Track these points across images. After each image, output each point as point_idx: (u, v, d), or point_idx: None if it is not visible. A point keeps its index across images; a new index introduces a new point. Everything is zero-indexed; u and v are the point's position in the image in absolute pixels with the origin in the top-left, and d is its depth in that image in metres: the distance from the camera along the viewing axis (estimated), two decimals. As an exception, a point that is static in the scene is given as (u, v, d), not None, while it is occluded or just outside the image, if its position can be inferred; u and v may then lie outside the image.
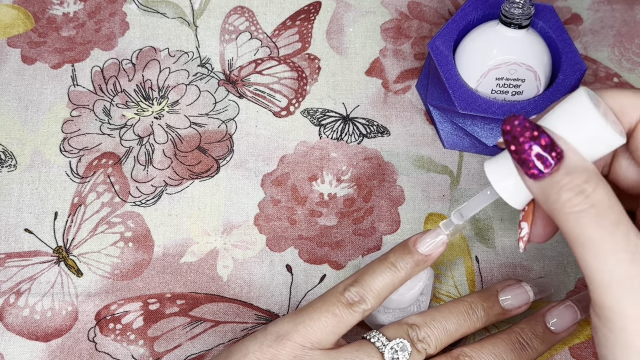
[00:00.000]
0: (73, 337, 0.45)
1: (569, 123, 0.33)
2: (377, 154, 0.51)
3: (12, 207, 0.48)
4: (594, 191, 0.31)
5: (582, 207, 0.31)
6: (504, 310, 0.42)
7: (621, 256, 0.30)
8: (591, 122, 0.32)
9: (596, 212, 0.30)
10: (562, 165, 0.32)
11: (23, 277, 0.46)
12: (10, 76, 0.53)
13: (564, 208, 0.31)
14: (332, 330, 0.38)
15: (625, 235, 0.30)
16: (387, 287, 0.39)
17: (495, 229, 0.48)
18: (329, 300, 0.39)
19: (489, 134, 0.49)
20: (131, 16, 0.55)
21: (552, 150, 0.32)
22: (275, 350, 0.38)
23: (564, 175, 0.31)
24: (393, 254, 0.40)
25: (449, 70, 0.47)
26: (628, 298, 0.30)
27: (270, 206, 0.49)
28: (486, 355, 0.40)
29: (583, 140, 0.32)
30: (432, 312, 0.41)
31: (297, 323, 0.38)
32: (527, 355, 0.41)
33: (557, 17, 0.49)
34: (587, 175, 0.31)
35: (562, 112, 0.33)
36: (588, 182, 0.31)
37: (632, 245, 0.30)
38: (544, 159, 0.32)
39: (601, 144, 0.33)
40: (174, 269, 0.47)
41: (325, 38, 0.55)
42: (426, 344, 0.39)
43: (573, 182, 0.31)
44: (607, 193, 0.31)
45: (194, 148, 0.51)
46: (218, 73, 0.53)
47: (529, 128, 0.32)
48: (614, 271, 0.30)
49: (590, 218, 0.30)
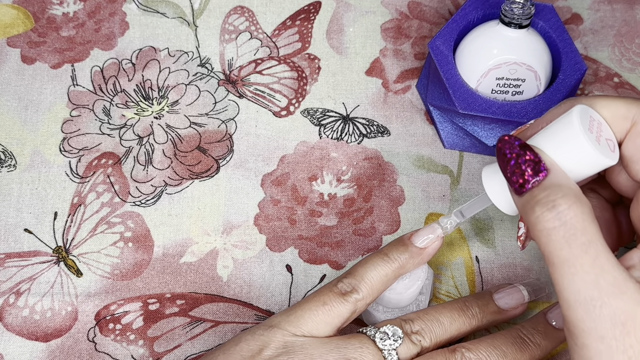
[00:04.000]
0: (73, 337, 0.45)
1: (557, 144, 0.34)
2: (377, 154, 0.51)
3: (12, 207, 0.48)
4: (569, 208, 0.31)
5: (554, 224, 0.31)
6: (499, 309, 0.42)
7: (586, 278, 0.31)
8: (580, 147, 0.33)
9: (567, 230, 0.31)
10: (543, 182, 0.33)
11: (23, 277, 0.46)
12: (10, 76, 0.53)
13: (537, 223, 0.32)
14: (323, 319, 0.39)
15: (594, 257, 0.31)
16: (380, 278, 0.40)
17: (495, 229, 0.48)
18: (321, 292, 0.40)
19: (489, 134, 0.49)
20: (131, 16, 0.55)
21: (536, 167, 0.33)
22: (267, 337, 0.38)
23: (541, 190, 0.32)
24: (387, 247, 0.41)
25: (449, 70, 0.47)
26: (589, 319, 0.31)
27: (270, 206, 0.49)
28: (484, 348, 0.39)
29: (572, 162, 0.34)
30: (426, 309, 0.41)
31: (289, 314, 0.39)
32: (530, 350, 0.40)
33: (557, 17, 0.49)
34: (564, 192, 0.32)
35: (553, 133, 0.34)
36: (564, 198, 0.32)
37: (598, 268, 0.31)
38: (528, 174, 0.33)
39: (589, 166, 0.34)
40: (173, 269, 0.47)
41: (325, 38, 0.55)
42: (420, 336, 0.39)
43: (548, 197, 0.32)
44: (583, 213, 0.31)
45: (193, 148, 0.50)
46: (218, 73, 0.53)
47: (516, 146, 0.34)
48: (578, 292, 0.31)
49: (561, 236, 0.31)
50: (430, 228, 0.41)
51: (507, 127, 0.48)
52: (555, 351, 0.44)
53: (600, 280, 0.31)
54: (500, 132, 0.48)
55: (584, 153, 0.33)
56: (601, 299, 0.31)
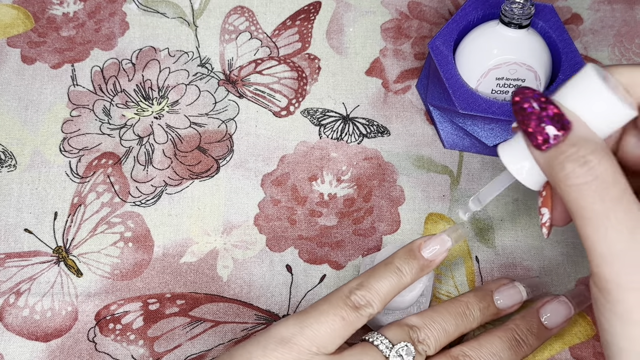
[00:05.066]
0: (73, 337, 0.45)
1: (577, 98, 0.32)
2: (377, 154, 0.51)
3: (12, 207, 0.48)
4: (599, 163, 0.31)
5: (585, 179, 0.31)
6: (498, 311, 0.43)
7: (621, 230, 0.30)
8: (599, 95, 0.32)
9: (599, 184, 0.30)
10: (568, 136, 0.31)
11: (23, 277, 0.46)
12: (10, 76, 0.53)
13: (567, 179, 0.31)
14: (340, 334, 0.38)
15: (627, 209, 0.30)
16: (392, 292, 0.39)
17: (495, 229, 0.48)
18: (335, 304, 0.38)
19: (489, 134, 0.49)
20: (131, 16, 0.55)
21: (559, 121, 0.32)
22: (280, 354, 0.37)
23: (569, 146, 0.31)
24: (398, 258, 0.40)
25: (449, 70, 0.47)
26: (626, 271, 0.30)
27: (270, 206, 0.49)
28: (485, 354, 0.40)
29: (592, 115, 0.32)
30: (430, 313, 0.41)
31: (303, 326, 0.38)
32: (522, 351, 0.42)
33: (557, 17, 0.49)
34: (593, 147, 0.31)
35: (571, 88, 0.33)
36: (593, 154, 0.31)
37: (633, 220, 0.30)
38: (551, 129, 0.32)
39: (610, 117, 0.32)
40: (173, 269, 0.47)
41: (325, 38, 0.55)
42: (426, 346, 0.39)
43: (578, 152, 0.31)
44: (612, 166, 0.31)
45: (194, 148, 0.50)
46: (218, 73, 0.53)
47: (537, 99, 0.32)
48: (613, 245, 0.30)
49: (593, 190, 0.30)
50: (440, 240, 0.41)
51: (507, 127, 0.48)
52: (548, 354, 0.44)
53: (636, 232, 0.30)
54: (500, 132, 0.48)
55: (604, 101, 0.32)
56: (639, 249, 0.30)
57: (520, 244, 0.48)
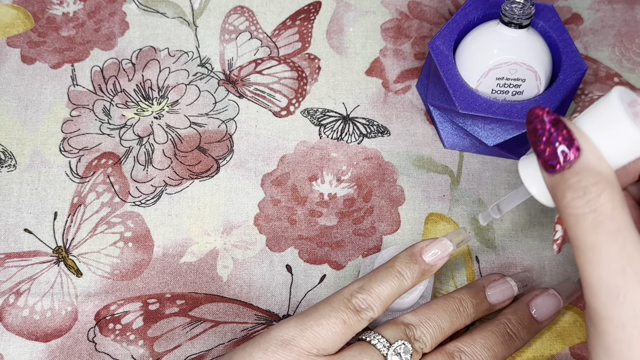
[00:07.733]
0: (73, 337, 0.45)
1: (596, 123, 0.32)
2: (377, 154, 0.51)
3: (12, 207, 0.48)
4: (599, 196, 0.31)
5: (583, 211, 0.31)
6: (491, 306, 0.43)
7: (612, 266, 0.30)
8: (618, 124, 0.31)
9: (596, 217, 0.30)
10: (575, 163, 0.31)
11: (22, 277, 0.46)
12: (10, 76, 0.53)
13: (567, 208, 0.31)
14: (340, 337, 0.38)
15: (622, 246, 0.30)
16: (393, 295, 0.40)
17: (495, 229, 0.48)
18: (337, 306, 0.38)
19: (489, 134, 0.49)
20: (131, 16, 0.55)
21: (569, 146, 0.31)
22: (280, 356, 0.37)
23: (572, 175, 0.31)
24: (400, 262, 0.40)
25: (449, 70, 0.47)
26: (612, 307, 0.30)
27: (270, 206, 0.49)
28: (479, 350, 0.41)
29: (609, 142, 0.32)
30: (425, 311, 0.41)
31: (303, 328, 0.38)
32: (515, 345, 0.42)
33: (557, 17, 0.49)
34: (596, 178, 0.31)
35: (593, 112, 0.32)
36: (595, 185, 0.31)
37: (625, 256, 0.30)
38: (560, 154, 0.32)
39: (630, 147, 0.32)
40: (173, 269, 0.47)
41: (325, 38, 0.55)
42: (422, 344, 0.40)
43: (580, 182, 0.31)
44: (613, 200, 0.31)
45: (193, 148, 0.50)
46: (218, 73, 0.53)
47: (549, 121, 0.32)
48: (602, 279, 0.30)
49: (589, 222, 0.31)
50: (442, 245, 0.41)
51: (507, 127, 0.48)
52: (548, 354, 0.44)
53: (627, 269, 0.30)
54: (500, 132, 0.48)
55: (624, 132, 0.31)
56: (626, 287, 0.30)
57: (520, 244, 0.48)
